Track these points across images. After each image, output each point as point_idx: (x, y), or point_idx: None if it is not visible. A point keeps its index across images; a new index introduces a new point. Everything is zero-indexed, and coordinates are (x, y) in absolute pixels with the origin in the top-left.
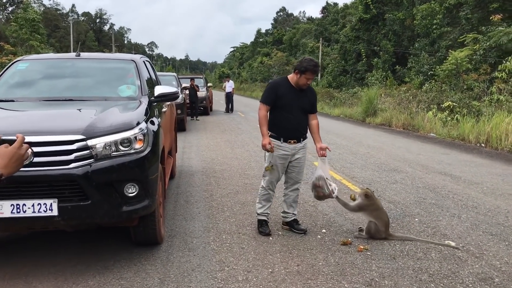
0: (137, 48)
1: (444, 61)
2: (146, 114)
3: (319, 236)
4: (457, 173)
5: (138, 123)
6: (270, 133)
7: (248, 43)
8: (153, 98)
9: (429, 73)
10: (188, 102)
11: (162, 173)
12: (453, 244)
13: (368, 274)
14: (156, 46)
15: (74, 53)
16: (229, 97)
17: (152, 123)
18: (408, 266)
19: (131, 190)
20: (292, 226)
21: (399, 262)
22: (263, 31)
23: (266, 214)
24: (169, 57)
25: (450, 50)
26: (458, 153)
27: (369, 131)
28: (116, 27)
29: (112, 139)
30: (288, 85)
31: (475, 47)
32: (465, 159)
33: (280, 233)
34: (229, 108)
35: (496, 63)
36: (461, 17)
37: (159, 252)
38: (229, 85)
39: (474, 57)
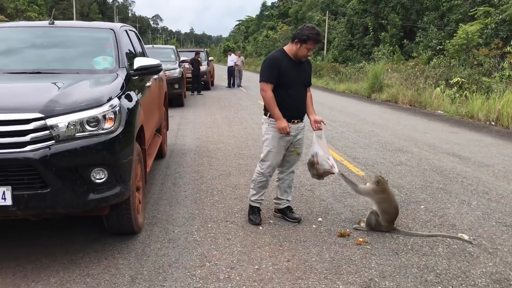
0: (141, 21)
1: (454, 35)
2: (122, 89)
3: (314, 226)
4: (466, 154)
5: (109, 99)
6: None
7: (254, 17)
8: (132, 71)
9: (437, 48)
10: (190, 76)
11: (141, 155)
12: (466, 237)
13: (366, 272)
14: (161, 19)
15: (48, 21)
16: (231, 72)
17: (129, 99)
18: (412, 263)
19: (99, 176)
20: (285, 214)
21: (402, 259)
22: (268, 4)
23: (260, 201)
24: (174, 31)
25: (460, 24)
26: (467, 131)
27: (375, 108)
28: (120, 0)
29: (76, 117)
30: (288, 58)
31: (486, 21)
32: (474, 138)
33: (271, 221)
34: (231, 83)
35: (508, 38)
36: None
37: (135, 244)
38: (231, 59)
39: (485, 31)
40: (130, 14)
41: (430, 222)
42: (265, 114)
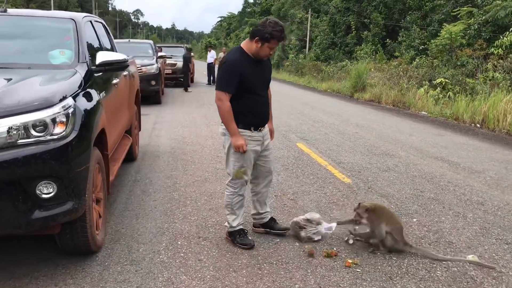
0: (122, 16)
1: (438, 35)
2: (80, 87)
3: (297, 244)
4: (454, 158)
5: (62, 99)
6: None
7: (236, 13)
8: (94, 67)
9: (420, 48)
10: (169, 72)
11: (103, 162)
12: (476, 259)
13: None
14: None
15: None
16: (210, 68)
17: (88, 98)
18: None
19: (47, 190)
20: (271, 227)
21: (397, 285)
22: (251, 0)
23: (243, 222)
24: (155, 26)
25: (444, 24)
26: (453, 134)
27: (358, 108)
28: None
29: (19, 121)
30: (248, 58)
31: (469, 21)
32: (461, 141)
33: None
34: (211, 80)
35: (491, 39)
36: None
37: (92, 266)
38: (211, 56)
39: (468, 32)
40: (110, 8)
41: (424, 238)
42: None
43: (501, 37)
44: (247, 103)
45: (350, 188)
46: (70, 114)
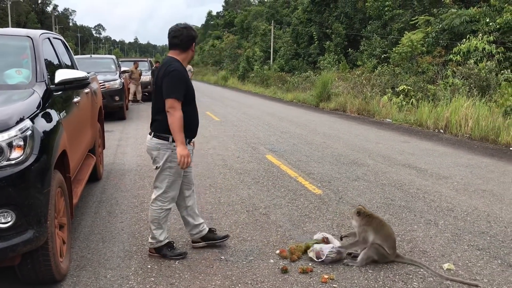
0: (83, 31)
1: (399, 42)
2: (38, 107)
3: (271, 261)
4: (422, 165)
5: (19, 121)
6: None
7: (199, 26)
8: (53, 86)
9: (382, 56)
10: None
11: (65, 185)
12: (452, 267)
13: None
14: (104, 29)
15: None
16: None
17: (48, 119)
18: None
19: (4, 219)
20: (213, 238)
21: None
22: (214, 13)
23: (168, 236)
24: (117, 40)
25: (405, 32)
26: (418, 140)
27: (324, 117)
28: (59, 9)
29: None
30: (184, 69)
31: (427, 30)
32: (426, 147)
33: (222, 257)
34: None
35: (449, 46)
36: None
37: None
38: None
39: (427, 39)
40: (71, 24)
41: (399, 248)
42: (165, 138)
43: (458, 44)
44: (190, 113)
45: (321, 199)
46: (28, 137)
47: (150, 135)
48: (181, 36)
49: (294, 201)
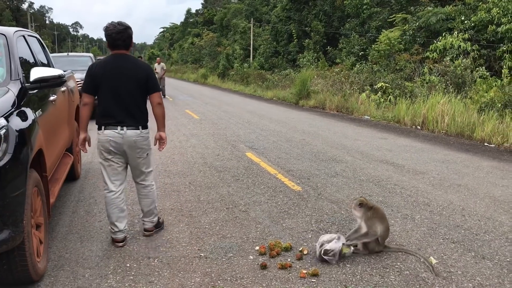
0: (60, 29)
1: (377, 40)
2: (13, 106)
3: (251, 257)
4: (399, 160)
5: None
6: None
7: (179, 24)
8: (28, 84)
9: (360, 54)
10: None
11: (42, 184)
12: (434, 261)
13: None
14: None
15: None
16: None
17: (23, 117)
18: None
19: None
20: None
21: None
22: (193, 11)
23: None
24: (95, 38)
25: (383, 30)
26: (395, 137)
27: (303, 115)
28: (35, 6)
29: None
30: None
31: (404, 28)
32: (404, 143)
33: (201, 254)
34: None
35: (425, 43)
36: None
37: None
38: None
39: (404, 37)
40: (47, 22)
41: None
42: (147, 127)
43: (435, 41)
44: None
45: (301, 195)
46: (3, 136)
47: (138, 129)
48: (128, 34)
49: (274, 198)
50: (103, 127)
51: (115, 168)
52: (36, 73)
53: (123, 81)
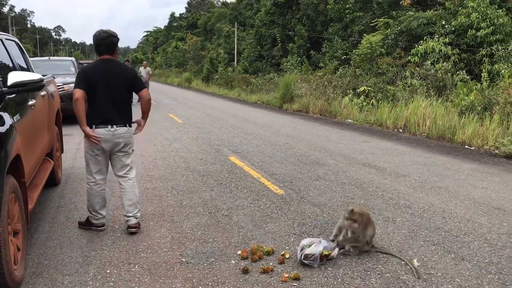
0: (42, 33)
1: (359, 45)
2: None
3: (233, 262)
4: (381, 163)
5: None
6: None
7: (162, 27)
8: (5, 88)
9: (343, 58)
10: None
11: (19, 190)
12: (416, 264)
13: None
14: (64, 31)
15: None
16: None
17: (0, 123)
18: None
19: None
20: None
21: None
22: (177, 15)
23: None
24: (78, 42)
25: (364, 34)
26: (378, 140)
27: (287, 119)
28: (17, 9)
29: None
30: None
31: (386, 32)
32: (386, 146)
33: (183, 259)
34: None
35: (407, 47)
36: (373, 2)
37: None
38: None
39: (386, 41)
40: (29, 25)
41: None
42: (130, 125)
43: (416, 45)
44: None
45: (283, 199)
46: None
47: (126, 126)
48: (113, 39)
49: (257, 202)
50: (94, 126)
51: (101, 161)
52: (14, 77)
53: (113, 84)
